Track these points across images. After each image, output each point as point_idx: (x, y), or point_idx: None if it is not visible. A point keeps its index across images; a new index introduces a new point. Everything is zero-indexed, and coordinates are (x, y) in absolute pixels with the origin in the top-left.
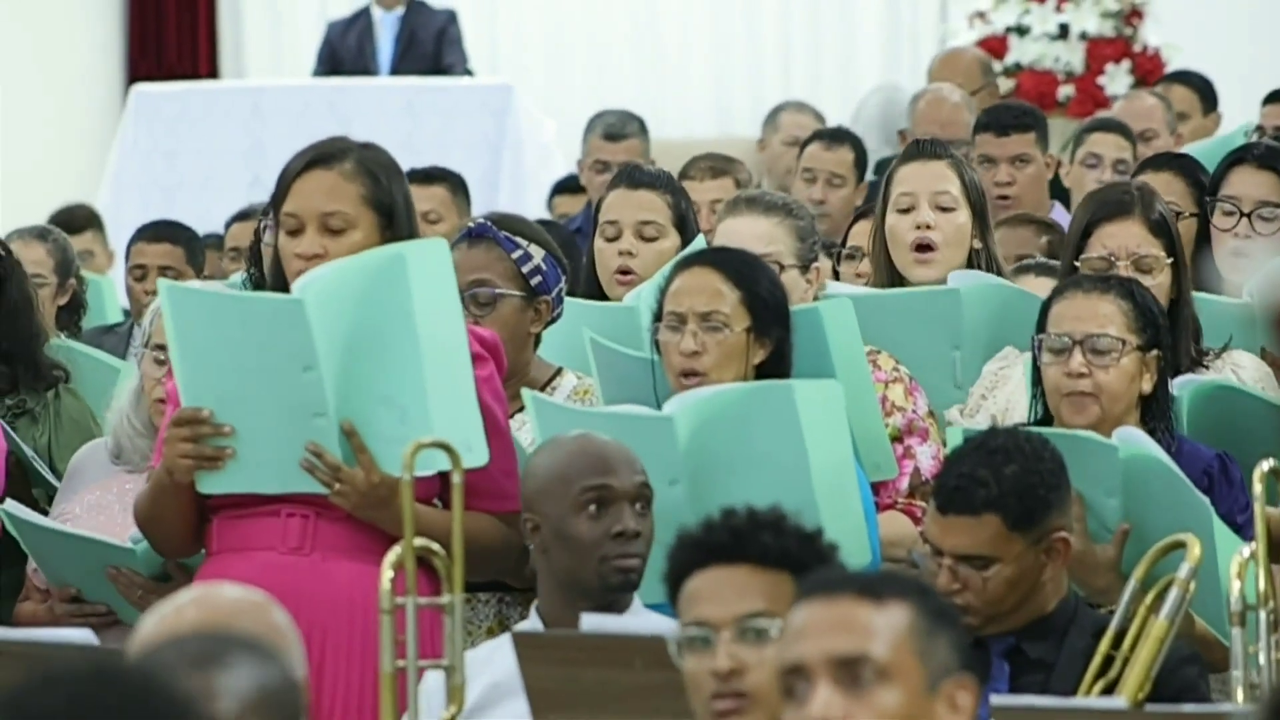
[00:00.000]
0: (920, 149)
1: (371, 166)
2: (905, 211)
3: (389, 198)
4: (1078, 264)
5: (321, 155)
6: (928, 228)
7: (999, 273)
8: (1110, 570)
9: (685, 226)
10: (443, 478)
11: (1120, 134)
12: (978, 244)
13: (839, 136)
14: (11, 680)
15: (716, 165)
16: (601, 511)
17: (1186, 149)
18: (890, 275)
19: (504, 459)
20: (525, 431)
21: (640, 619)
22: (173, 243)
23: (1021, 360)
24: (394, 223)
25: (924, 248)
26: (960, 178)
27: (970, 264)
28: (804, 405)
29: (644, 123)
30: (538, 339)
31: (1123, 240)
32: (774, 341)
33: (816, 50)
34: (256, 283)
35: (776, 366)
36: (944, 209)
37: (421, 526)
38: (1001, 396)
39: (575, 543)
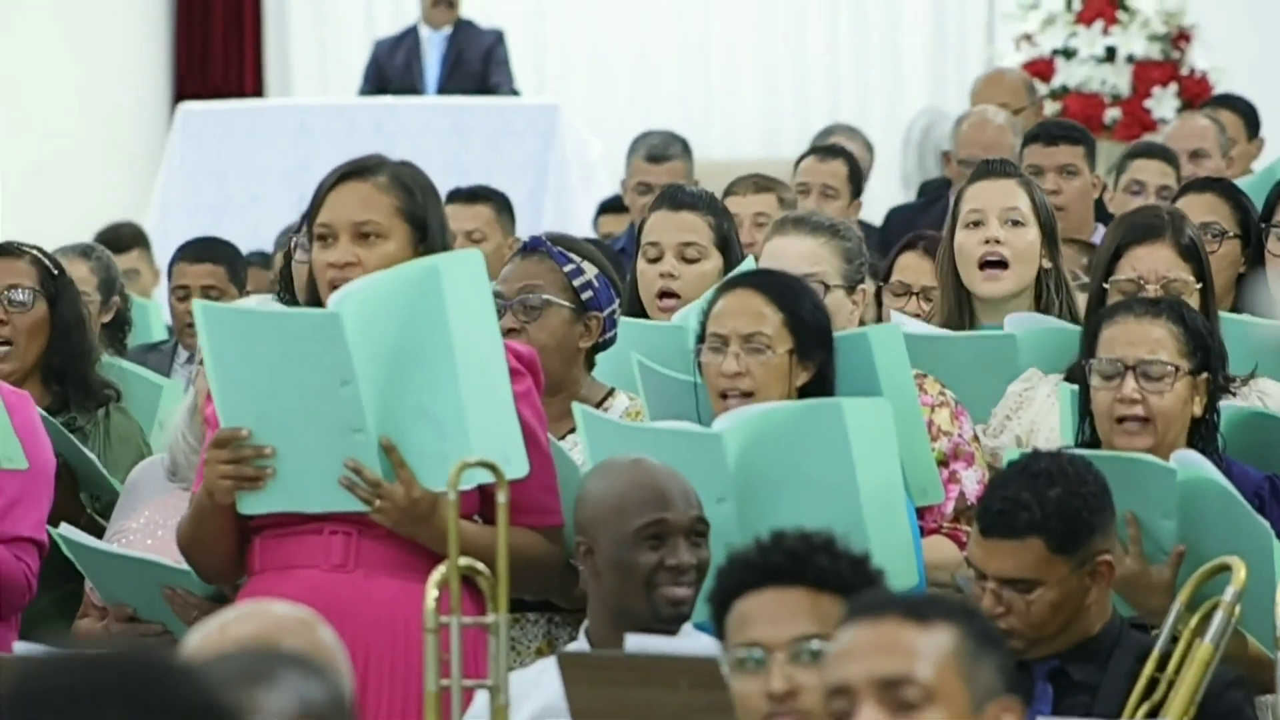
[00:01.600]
0: (990, 168)
1: (406, 181)
2: (974, 226)
3: (423, 212)
4: (1106, 285)
5: (356, 168)
6: (997, 242)
7: (1067, 293)
8: (1165, 592)
9: (728, 247)
10: (482, 493)
11: (1163, 159)
12: (1047, 263)
13: (833, 151)
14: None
15: (760, 181)
16: (657, 545)
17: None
18: (958, 294)
19: (543, 474)
20: (577, 452)
21: (686, 640)
22: (214, 261)
23: (1046, 381)
24: (427, 238)
25: (993, 265)
26: (1030, 196)
27: (1039, 283)
28: (853, 423)
29: (687, 144)
30: (590, 358)
31: (1152, 264)
32: (816, 364)
33: (863, 72)
34: (288, 305)
35: (819, 389)
36: (1015, 224)
37: (464, 543)
38: (1026, 417)
39: (629, 573)
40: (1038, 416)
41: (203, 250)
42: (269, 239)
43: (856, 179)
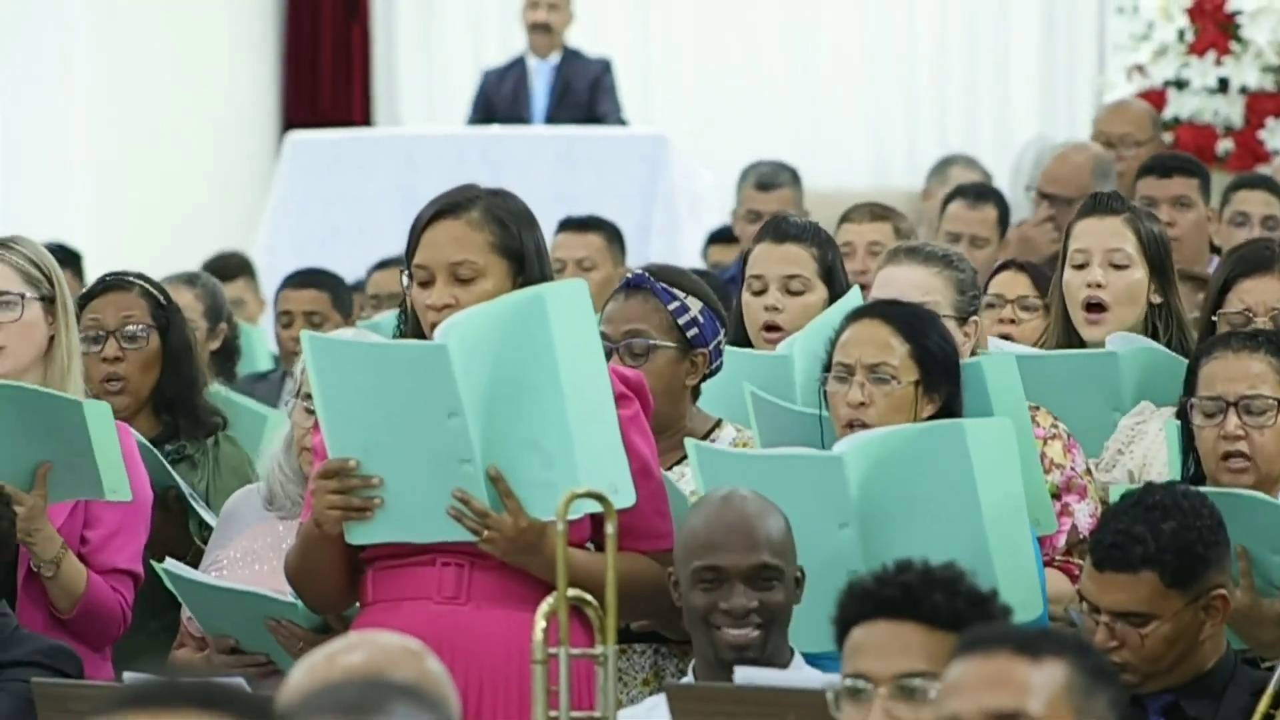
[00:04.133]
0: (1097, 204)
1: (499, 213)
2: (1080, 268)
3: (518, 244)
4: (1216, 318)
5: (448, 205)
6: (1098, 286)
7: (1181, 328)
8: (1277, 625)
9: (833, 279)
10: (593, 520)
11: (1267, 190)
12: (1157, 298)
13: (984, 194)
14: None
15: (877, 210)
16: (710, 587)
17: None
18: (1067, 330)
19: (655, 498)
20: (685, 482)
21: (795, 674)
22: (318, 289)
23: (1158, 415)
24: (525, 269)
25: (1094, 307)
26: (1137, 234)
27: (1148, 320)
28: (975, 445)
29: (796, 173)
30: (696, 391)
31: (1261, 295)
32: (943, 396)
33: (973, 102)
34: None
35: None
36: (1117, 266)
37: (575, 572)
38: (1138, 451)
39: (689, 613)
40: (1150, 451)
41: (307, 278)
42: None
43: (1005, 221)
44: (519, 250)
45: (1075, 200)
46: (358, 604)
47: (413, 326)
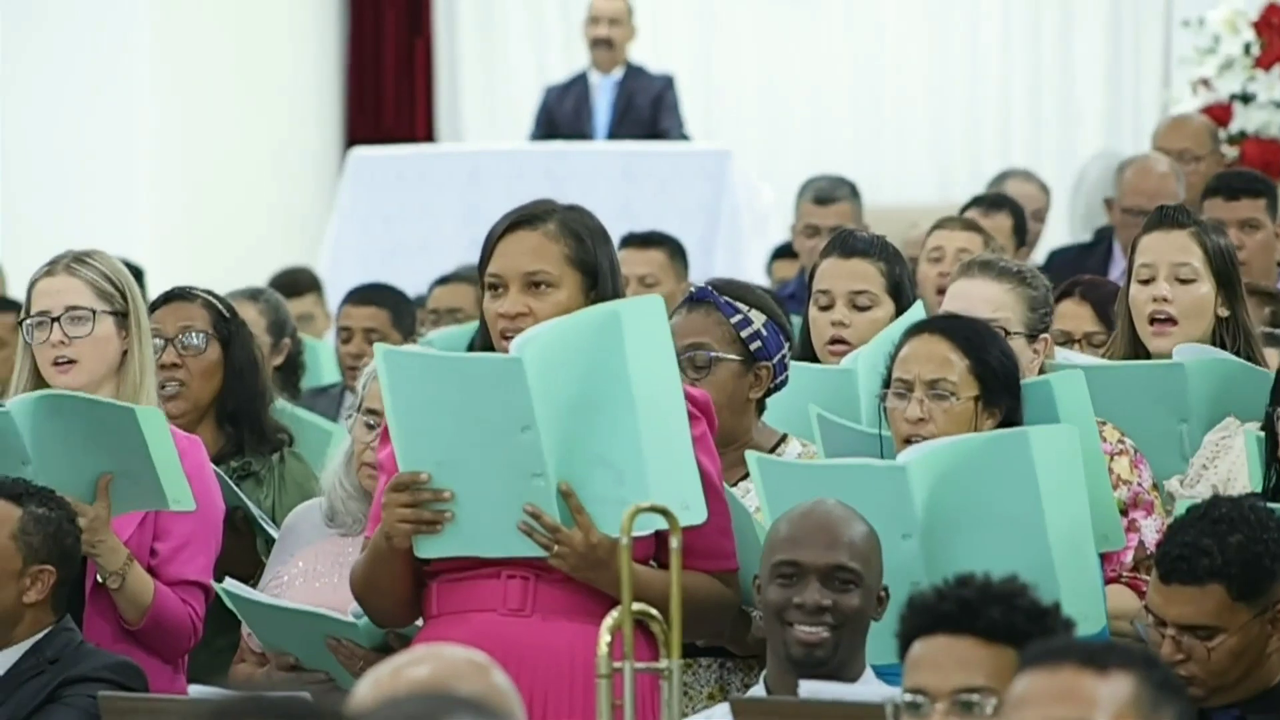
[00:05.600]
0: (1163, 217)
1: (576, 228)
2: (1145, 283)
3: (593, 259)
4: None
5: (525, 216)
6: (1165, 301)
7: (1248, 341)
8: None
9: (900, 293)
10: (659, 537)
11: None
12: (1224, 312)
13: (997, 202)
14: None
15: (970, 221)
16: (787, 583)
17: None
18: (1133, 343)
19: (719, 517)
20: (750, 499)
21: (862, 687)
22: (379, 305)
23: (1243, 431)
24: (598, 284)
25: (1161, 320)
26: (1203, 247)
27: (1216, 334)
28: (1039, 453)
29: (855, 187)
30: (760, 405)
31: None
32: (1003, 411)
33: (1037, 116)
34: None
35: None
36: (1183, 281)
37: (639, 588)
38: (1223, 467)
39: (765, 609)
40: (1234, 466)
41: (368, 294)
42: None
43: (1021, 230)
44: (593, 265)
45: None
46: (420, 619)
47: (484, 337)
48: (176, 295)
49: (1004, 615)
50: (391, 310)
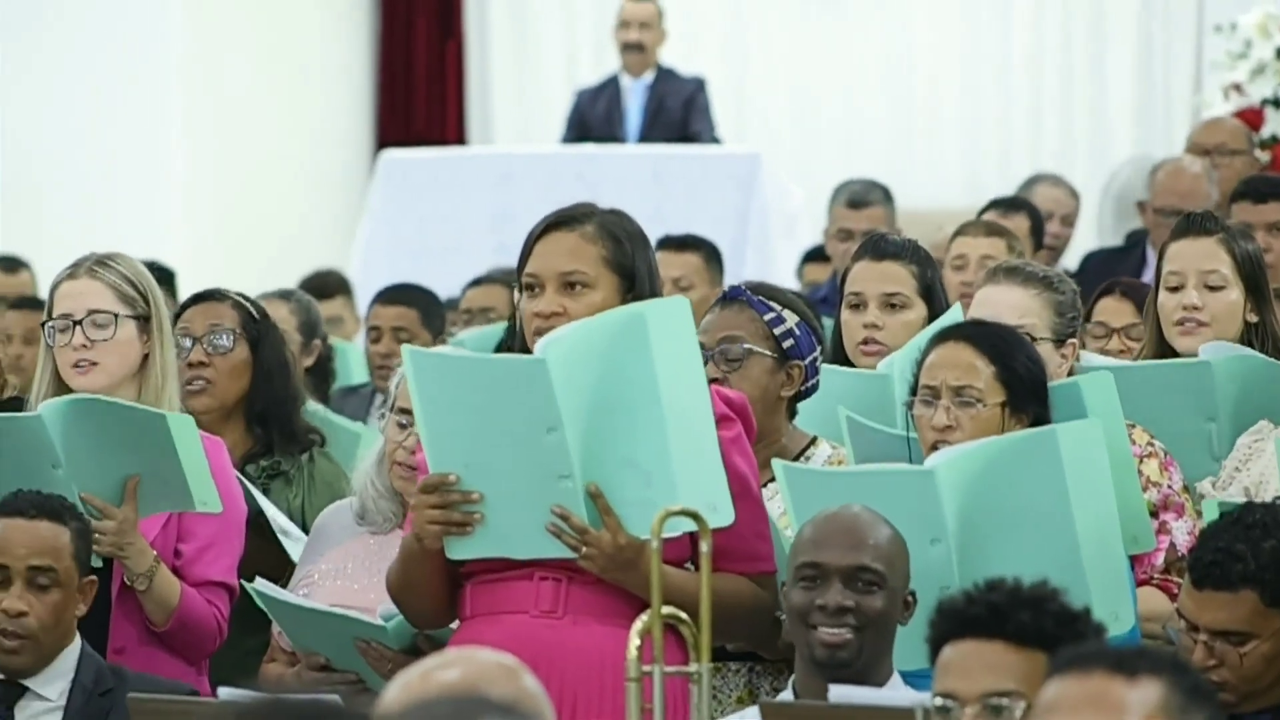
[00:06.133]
0: (1190, 224)
1: (614, 230)
2: (1174, 290)
3: (630, 262)
4: None
5: (564, 217)
6: (1194, 308)
7: (1277, 346)
8: None
9: (932, 296)
10: (693, 540)
11: None
12: (1253, 317)
13: (1014, 204)
14: None
15: (993, 226)
16: (810, 585)
17: None
18: (1161, 350)
19: (755, 520)
20: (775, 503)
21: (890, 692)
22: (407, 305)
23: (1276, 434)
24: (635, 287)
25: (1191, 326)
26: (1232, 254)
27: (1244, 339)
28: (1067, 448)
29: (888, 191)
30: (792, 407)
31: None
32: (1031, 417)
33: (1068, 121)
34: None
35: None
36: (1212, 288)
37: (671, 591)
38: (1255, 470)
39: (789, 612)
40: (1266, 469)
41: (396, 294)
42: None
43: (1039, 233)
44: (631, 268)
45: None
46: (457, 621)
47: (520, 341)
48: (206, 296)
49: (1033, 619)
50: (421, 310)
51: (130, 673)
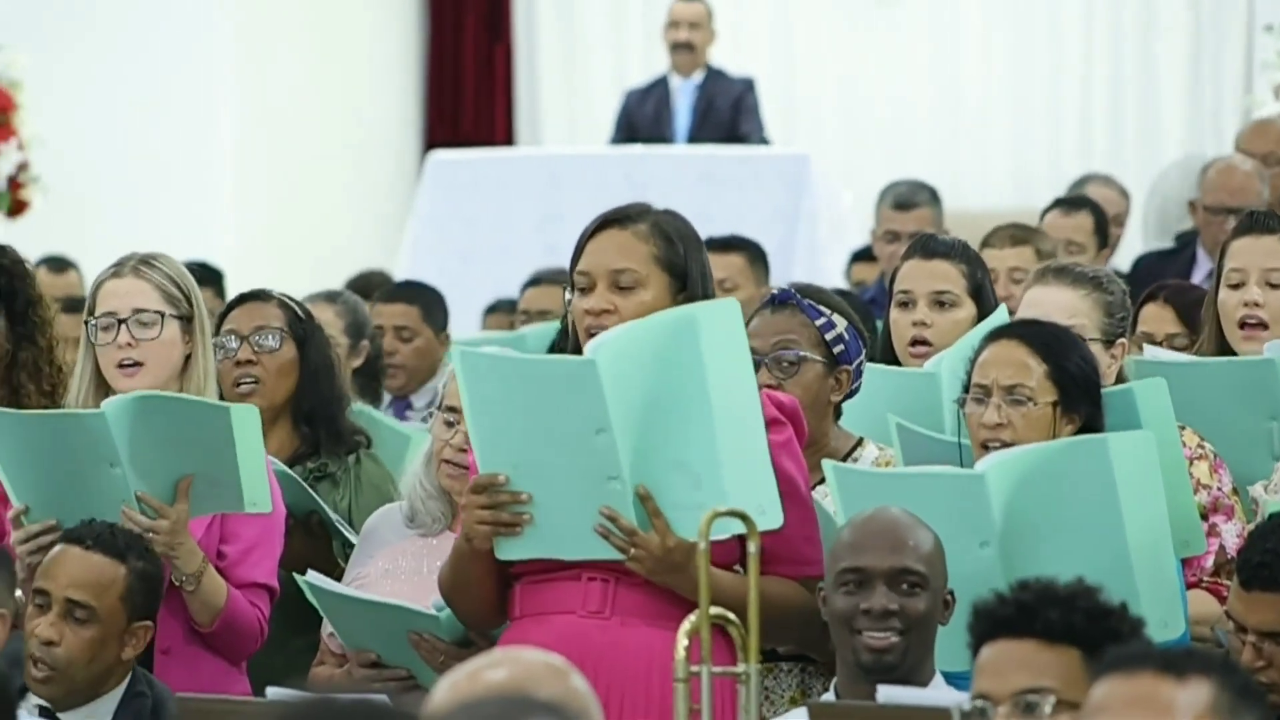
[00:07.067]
0: (1254, 222)
1: (667, 230)
2: (1236, 288)
3: (683, 262)
4: None
5: (617, 216)
6: (1256, 305)
7: None
8: None
9: (981, 296)
10: (742, 543)
11: None
12: None
13: (1078, 203)
14: None
15: (1017, 234)
16: (853, 590)
17: None
18: (1221, 348)
19: (804, 524)
20: (826, 503)
21: (936, 692)
22: (409, 303)
23: None
24: (687, 287)
25: (1252, 325)
26: None
27: None
28: (1118, 458)
29: (935, 192)
30: (838, 409)
31: None
32: (1083, 417)
33: (1118, 121)
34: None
35: None
36: (1275, 286)
37: (719, 593)
38: None
39: (833, 619)
40: None
41: (398, 291)
42: (518, 287)
43: (1103, 230)
44: (683, 268)
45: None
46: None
47: (572, 341)
48: (252, 296)
49: (1062, 616)
50: (422, 307)
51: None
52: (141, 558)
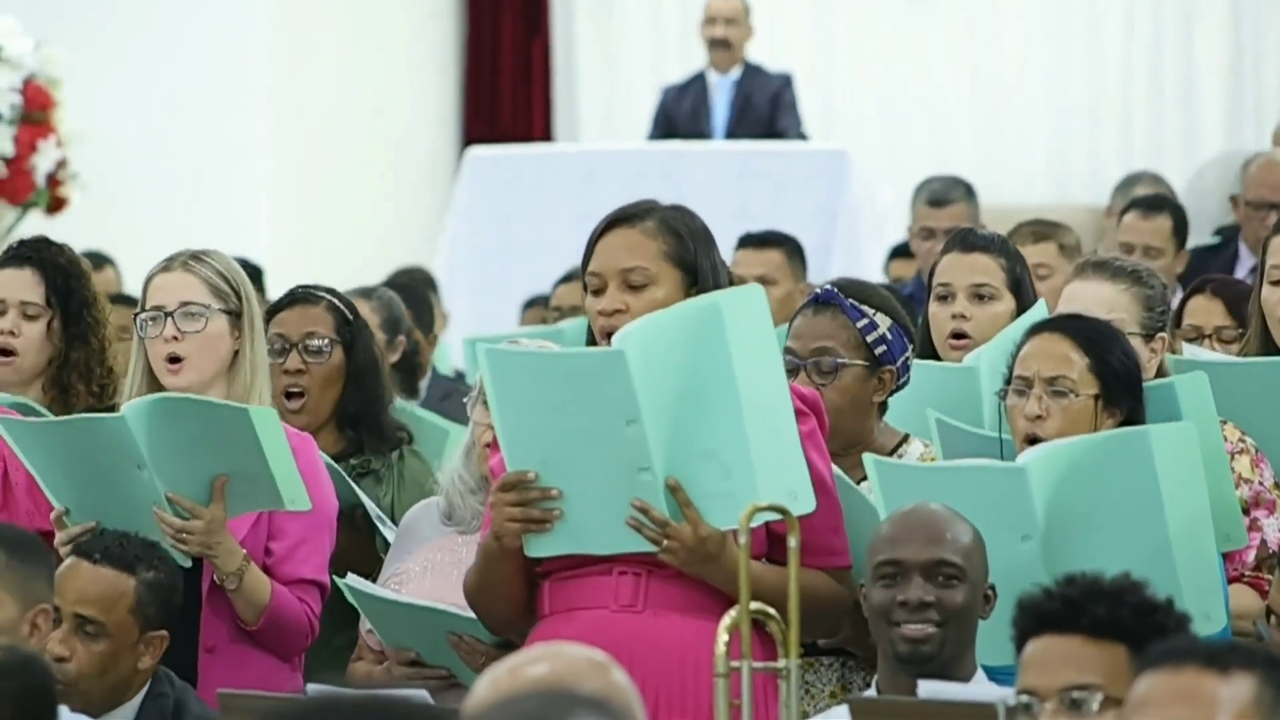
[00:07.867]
0: None
1: (675, 225)
2: (1278, 284)
3: (692, 257)
4: None
5: (623, 215)
6: None
7: None
8: None
9: (1021, 290)
10: (770, 536)
11: None
12: None
13: (1157, 204)
14: None
15: (1039, 230)
16: (890, 583)
17: None
18: (1266, 343)
19: (830, 515)
20: (871, 498)
21: (978, 687)
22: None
23: None
24: (699, 282)
25: None
26: None
27: None
28: (1160, 450)
29: (971, 188)
30: (883, 407)
31: None
32: (1124, 411)
33: (1158, 117)
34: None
35: None
36: None
37: (754, 585)
38: None
39: (872, 613)
40: None
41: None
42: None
43: (1182, 233)
44: (693, 263)
45: None
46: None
47: (591, 342)
48: (301, 297)
49: (1109, 611)
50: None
51: (197, 699)
52: (152, 568)
